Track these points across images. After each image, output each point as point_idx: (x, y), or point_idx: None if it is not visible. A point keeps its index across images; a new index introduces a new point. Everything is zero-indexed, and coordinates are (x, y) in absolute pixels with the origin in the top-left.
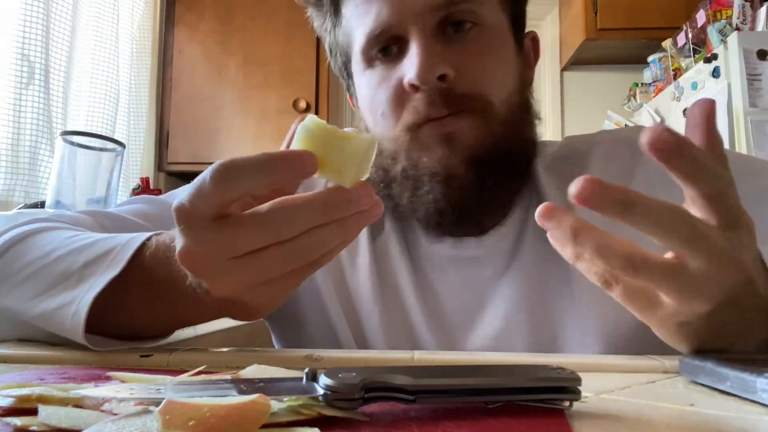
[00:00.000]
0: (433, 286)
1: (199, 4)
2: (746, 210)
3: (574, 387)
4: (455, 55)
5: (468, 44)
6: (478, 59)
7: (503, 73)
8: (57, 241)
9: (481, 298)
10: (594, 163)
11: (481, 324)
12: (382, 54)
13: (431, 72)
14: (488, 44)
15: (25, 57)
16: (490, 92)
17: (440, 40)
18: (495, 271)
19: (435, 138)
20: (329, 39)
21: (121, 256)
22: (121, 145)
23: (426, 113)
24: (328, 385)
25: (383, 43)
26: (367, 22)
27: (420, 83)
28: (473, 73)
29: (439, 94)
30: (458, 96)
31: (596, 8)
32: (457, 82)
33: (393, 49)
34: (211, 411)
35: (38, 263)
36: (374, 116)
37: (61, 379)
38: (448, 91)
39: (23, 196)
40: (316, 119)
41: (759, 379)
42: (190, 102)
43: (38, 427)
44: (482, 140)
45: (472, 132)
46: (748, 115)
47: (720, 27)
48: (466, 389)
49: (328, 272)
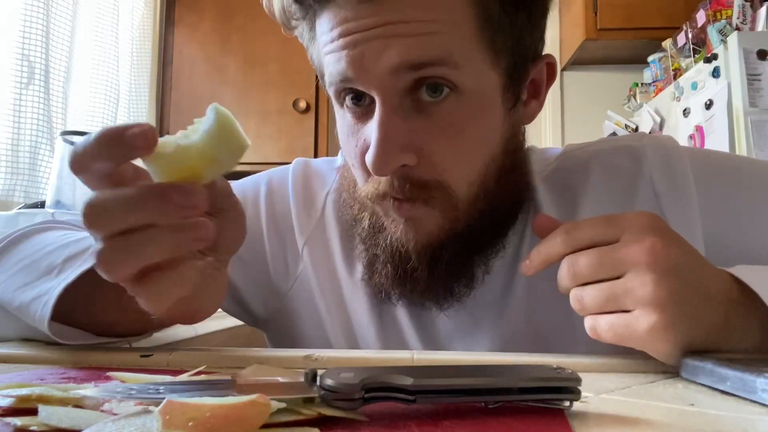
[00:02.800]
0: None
1: (199, 4)
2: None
3: (574, 387)
4: (420, 133)
5: (439, 120)
6: (446, 141)
7: (475, 152)
8: (53, 237)
9: (476, 321)
10: (595, 175)
11: (477, 341)
12: (353, 101)
13: (389, 163)
14: (463, 119)
15: (25, 57)
16: (456, 177)
17: (408, 108)
18: (493, 295)
19: (395, 217)
20: (309, 51)
21: None
22: None
23: (385, 191)
24: (328, 385)
25: (350, 92)
26: (331, 66)
27: (375, 173)
28: (439, 157)
29: (398, 178)
30: (418, 182)
31: (596, 8)
32: (420, 167)
33: (365, 99)
34: (211, 411)
35: (30, 257)
36: (345, 152)
37: (61, 379)
38: (407, 175)
39: (23, 196)
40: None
41: (759, 379)
42: (190, 102)
43: (38, 427)
44: (442, 229)
45: (432, 222)
46: (748, 115)
47: (720, 27)
48: (466, 389)
49: (325, 287)
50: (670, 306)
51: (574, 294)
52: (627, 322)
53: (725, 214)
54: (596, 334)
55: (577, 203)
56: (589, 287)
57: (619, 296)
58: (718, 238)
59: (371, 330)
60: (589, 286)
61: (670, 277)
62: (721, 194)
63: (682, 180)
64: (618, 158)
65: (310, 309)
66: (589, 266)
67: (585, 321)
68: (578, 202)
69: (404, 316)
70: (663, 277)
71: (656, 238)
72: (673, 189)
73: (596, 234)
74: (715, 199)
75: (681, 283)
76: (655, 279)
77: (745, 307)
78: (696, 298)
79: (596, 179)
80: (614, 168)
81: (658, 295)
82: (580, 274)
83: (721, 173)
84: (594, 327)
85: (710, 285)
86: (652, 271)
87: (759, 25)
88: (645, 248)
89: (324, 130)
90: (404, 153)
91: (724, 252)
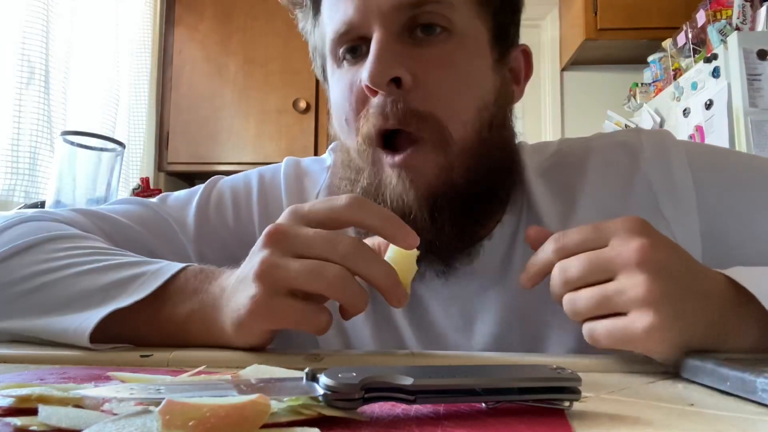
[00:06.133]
0: (421, 301)
1: (199, 5)
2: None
3: (574, 387)
4: (415, 59)
5: (432, 49)
6: (439, 68)
7: (467, 88)
8: (68, 253)
9: (469, 312)
10: (592, 171)
11: (469, 339)
12: (350, 54)
13: (383, 73)
14: (455, 53)
15: (25, 57)
16: (448, 111)
17: (403, 41)
18: (484, 284)
19: (391, 167)
20: (311, 41)
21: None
22: (121, 145)
23: (375, 123)
24: (328, 385)
25: (350, 43)
26: (335, 19)
27: (369, 83)
28: (432, 86)
29: (391, 104)
30: (410, 111)
31: (596, 8)
32: (412, 92)
33: (361, 49)
34: (211, 411)
35: (48, 277)
36: (339, 122)
37: (61, 379)
38: (399, 101)
39: (23, 196)
40: None
41: (759, 379)
42: (190, 102)
43: (38, 427)
44: (441, 175)
45: (429, 167)
46: (748, 115)
47: (720, 27)
48: (466, 389)
49: None
50: (665, 305)
51: (567, 299)
52: (624, 325)
53: (723, 210)
54: (594, 341)
55: (575, 199)
56: (582, 291)
57: (611, 298)
58: (716, 234)
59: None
60: (582, 290)
61: (662, 276)
62: (719, 190)
63: (679, 176)
64: (615, 154)
65: None
66: (579, 270)
67: (583, 329)
68: (575, 198)
69: None
70: (655, 276)
71: (645, 240)
72: (670, 185)
73: (585, 240)
74: (713, 195)
75: (673, 282)
76: (647, 279)
77: (741, 307)
78: (690, 296)
79: (593, 175)
80: (611, 163)
81: (651, 295)
82: (570, 278)
83: (719, 168)
84: (591, 334)
85: (703, 284)
86: (643, 271)
87: (759, 25)
88: (634, 249)
89: (324, 130)
90: (399, 67)
91: (721, 248)
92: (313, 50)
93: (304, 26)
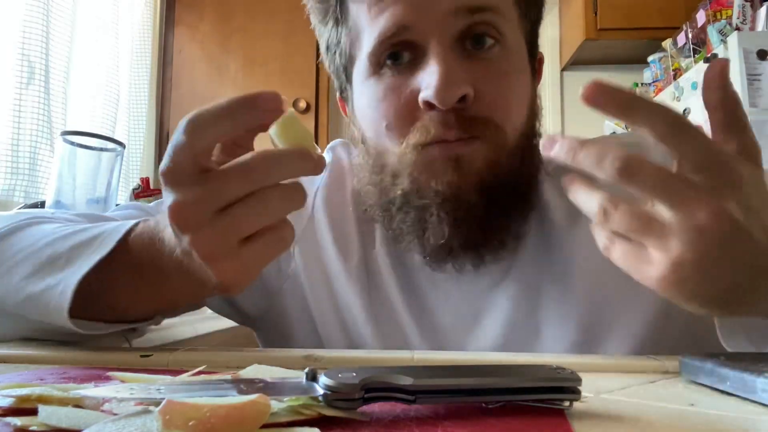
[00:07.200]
0: (427, 300)
1: (199, 4)
2: None
3: (574, 387)
4: (476, 74)
5: (489, 64)
6: (498, 82)
7: (519, 100)
8: (46, 230)
9: (476, 311)
10: None
11: (476, 338)
12: (392, 60)
13: (452, 92)
14: (509, 67)
15: (25, 57)
16: (504, 118)
17: (461, 54)
18: (490, 284)
19: (443, 160)
20: (329, 35)
21: (109, 240)
22: (121, 145)
23: (437, 134)
24: (328, 385)
25: (395, 48)
26: (380, 22)
27: (439, 103)
28: (491, 97)
29: (454, 116)
30: (471, 119)
31: (596, 8)
32: (474, 105)
33: (405, 56)
34: (211, 411)
35: (27, 250)
36: (377, 127)
37: (61, 379)
38: (463, 112)
39: (23, 196)
40: None
41: (759, 379)
42: (190, 102)
43: (38, 427)
44: (491, 167)
45: (482, 157)
46: (748, 115)
47: (720, 27)
48: (466, 389)
49: (316, 286)
50: (689, 268)
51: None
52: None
53: None
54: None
55: None
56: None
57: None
58: None
59: (360, 311)
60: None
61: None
62: None
63: None
64: None
65: (301, 306)
66: (654, 174)
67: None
68: None
69: (399, 302)
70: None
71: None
72: None
73: (709, 149)
74: None
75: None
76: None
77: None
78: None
79: None
80: None
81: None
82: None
83: None
84: (608, 246)
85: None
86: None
87: (759, 25)
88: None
89: (324, 130)
90: (466, 85)
91: None
92: (330, 45)
93: (323, 18)
